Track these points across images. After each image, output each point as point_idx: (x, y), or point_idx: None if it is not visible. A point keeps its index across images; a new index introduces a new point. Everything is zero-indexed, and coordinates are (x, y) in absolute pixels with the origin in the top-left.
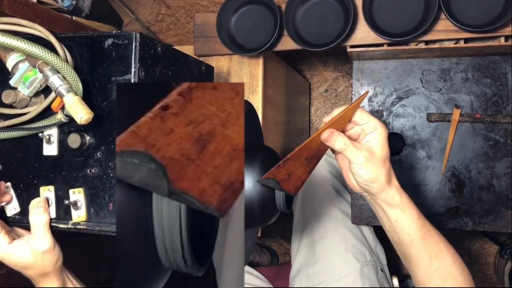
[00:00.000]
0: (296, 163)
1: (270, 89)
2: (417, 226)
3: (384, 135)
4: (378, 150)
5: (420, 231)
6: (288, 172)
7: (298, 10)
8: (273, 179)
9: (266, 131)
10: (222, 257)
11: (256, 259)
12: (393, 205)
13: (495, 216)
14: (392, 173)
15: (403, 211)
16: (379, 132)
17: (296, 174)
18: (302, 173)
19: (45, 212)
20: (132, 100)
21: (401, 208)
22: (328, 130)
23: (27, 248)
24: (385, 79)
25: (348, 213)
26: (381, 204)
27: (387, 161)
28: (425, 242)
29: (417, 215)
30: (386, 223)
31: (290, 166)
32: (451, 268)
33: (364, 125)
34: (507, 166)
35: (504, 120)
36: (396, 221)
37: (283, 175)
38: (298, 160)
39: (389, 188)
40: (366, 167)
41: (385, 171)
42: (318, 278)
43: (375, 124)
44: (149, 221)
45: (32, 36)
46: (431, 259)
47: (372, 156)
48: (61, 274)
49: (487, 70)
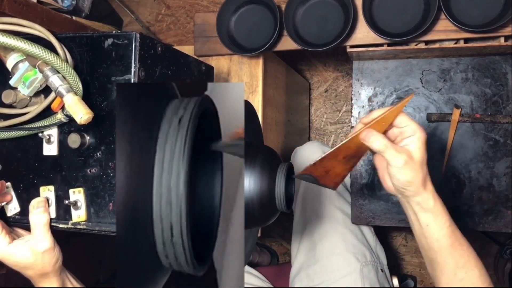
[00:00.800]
0: (334, 162)
1: (270, 89)
2: (447, 233)
3: (423, 139)
4: (416, 154)
5: (449, 238)
6: (326, 169)
7: (298, 10)
8: (310, 175)
9: (266, 131)
10: (222, 257)
11: (256, 259)
12: (426, 209)
13: (495, 216)
14: (428, 177)
15: (435, 217)
16: (418, 136)
17: (334, 171)
18: (342, 170)
19: (45, 212)
20: (132, 100)
21: (434, 213)
22: (367, 130)
23: (27, 248)
24: (385, 79)
25: (348, 213)
26: (414, 207)
27: (425, 166)
28: (453, 251)
29: (448, 222)
30: (417, 227)
31: (327, 164)
32: (477, 281)
33: (403, 128)
34: (507, 166)
35: (504, 120)
36: (427, 226)
37: (320, 171)
38: (335, 159)
39: (424, 192)
40: (404, 170)
41: (422, 175)
42: (318, 278)
43: (415, 128)
44: (149, 221)
45: (32, 36)
46: (457, 268)
47: (411, 159)
48: (60, 275)
49: (487, 70)
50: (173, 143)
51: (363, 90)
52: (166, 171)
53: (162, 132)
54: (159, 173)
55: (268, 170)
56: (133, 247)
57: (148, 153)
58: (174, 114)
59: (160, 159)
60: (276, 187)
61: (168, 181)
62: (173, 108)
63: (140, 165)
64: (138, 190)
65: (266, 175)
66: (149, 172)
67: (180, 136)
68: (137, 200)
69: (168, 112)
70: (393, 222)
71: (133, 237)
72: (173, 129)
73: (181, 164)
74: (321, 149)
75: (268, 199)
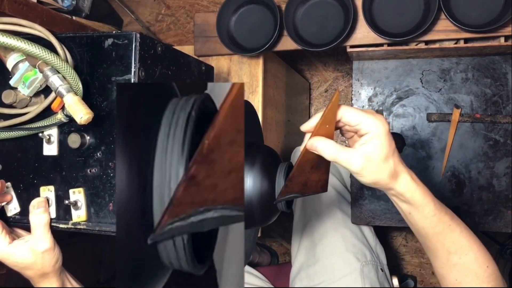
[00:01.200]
0: (304, 175)
1: (270, 89)
2: (433, 222)
3: (383, 133)
4: (375, 153)
5: (436, 227)
6: (302, 183)
7: (298, 10)
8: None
9: (266, 131)
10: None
11: (256, 259)
12: (404, 200)
13: (495, 216)
14: (399, 168)
15: (415, 207)
16: (377, 132)
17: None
18: (319, 176)
19: (46, 212)
20: (132, 100)
21: (413, 205)
22: (312, 139)
23: (27, 248)
24: (385, 79)
25: (348, 213)
26: (392, 197)
27: (390, 159)
28: (442, 238)
29: (433, 211)
30: (402, 214)
31: (298, 180)
32: (473, 265)
33: (357, 126)
34: (507, 166)
35: (504, 120)
36: (410, 214)
37: (298, 187)
38: (303, 173)
39: (396, 185)
40: (364, 173)
41: (388, 171)
42: (318, 278)
43: (370, 124)
44: (149, 220)
45: (32, 36)
46: (449, 254)
47: (369, 160)
48: (60, 275)
49: (487, 70)
50: (173, 143)
51: (363, 90)
52: (166, 170)
53: (162, 131)
54: (159, 172)
55: (268, 170)
56: (133, 247)
57: (148, 152)
58: (174, 114)
59: (160, 159)
60: (276, 187)
61: (168, 180)
62: (172, 108)
63: (140, 165)
64: (138, 190)
65: (266, 175)
66: (149, 171)
67: (180, 135)
68: (137, 200)
69: (168, 112)
70: (393, 222)
71: (133, 237)
72: (173, 129)
73: (181, 163)
74: None
75: (268, 199)
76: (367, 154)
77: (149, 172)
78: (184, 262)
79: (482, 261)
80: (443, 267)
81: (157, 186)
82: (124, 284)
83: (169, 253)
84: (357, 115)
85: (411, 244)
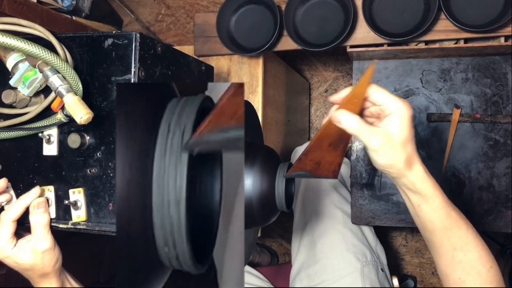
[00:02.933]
0: (320, 152)
1: (270, 89)
2: (441, 215)
3: (406, 116)
4: (396, 134)
5: (443, 221)
6: (315, 161)
7: (298, 10)
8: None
9: (266, 131)
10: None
11: (256, 259)
12: (414, 191)
13: (495, 216)
14: (415, 157)
15: (426, 199)
16: (400, 114)
17: (325, 161)
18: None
19: (46, 212)
20: (132, 100)
21: (423, 196)
22: (338, 111)
23: (28, 249)
24: (385, 79)
25: (348, 213)
26: (402, 187)
27: (409, 145)
28: (449, 233)
29: (442, 203)
30: (409, 206)
31: (313, 156)
32: (476, 263)
33: (383, 106)
34: (507, 166)
35: (504, 120)
36: (419, 207)
37: (311, 165)
38: (320, 149)
39: (409, 174)
40: (381, 152)
41: (404, 156)
42: (318, 278)
43: (395, 105)
44: (149, 220)
45: (32, 36)
46: (455, 250)
47: (389, 140)
48: (60, 275)
49: (487, 70)
50: (173, 143)
51: None
52: (166, 170)
53: (161, 131)
54: (159, 172)
55: (268, 170)
56: (133, 247)
57: (148, 152)
58: (173, 114)
59: (159, 159)
60: (276, 186)
61: (168, 180)
62: (172, 108)
63: (140, 165)
64: (138, 190)
65: (266, 175)
66: (149, 171)
67: (179, 135)
68: (137, 200)
69: (168, 112)
70: (393, 222)
71: (133, 237)
72: (173, 129)
73: (180, 163)
74: None
75: (268, 199)
76: (388, 133)
77: (148, 171)
78: (183, 261)
79: (485, 260)
80: (448, 265)
81: (156, 186)
82: (124, 284)
83: (168, 253)
84: (385, 95)
85: (411, 244)
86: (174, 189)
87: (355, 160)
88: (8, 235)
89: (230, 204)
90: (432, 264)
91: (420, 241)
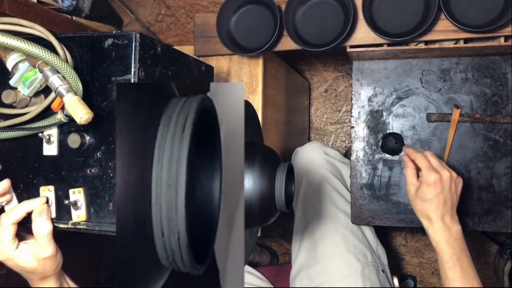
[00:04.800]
0: None
1: (270, 89)
2: (455, 278)
3: (427, 185)
4: (416, 194)
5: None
6: None
7: (298, 10)
8: None
9: (266, 131)
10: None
11: (256, 259)
12: (434, 246)
13: (495, 216)
14: (435, 217)
15: (440, 257)
16: (425, 182)
17: None
18: None
19: (48, 219)
20: (132, 100)
21: (438, 253)
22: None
23: (30, 254)
24: (385, 79)
25: (349, 214)
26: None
27: (427, 204)
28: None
29: (458, 273)
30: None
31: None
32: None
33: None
34: (507, 166)
35: (504, 120)
36: (439, 261)
37: None
38: None
39: (430, 229)
40: (410, 200)
41: (420, 211)
42: (319, 279)
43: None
44: (149, 220)
45: (32, 36)
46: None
47: (410, 194)
48: (59, 277)
49: (487, 70)
50: (172, 142)
51: (363, 90)
52: (165, 170)
53: (161, 131)
54: (158, 172)
55: (268, 170)
56: (133, 247)
57: (148, 152)
58: (173, 113)
59: (159, 159)
60: (276, 187)
61: (167, 180)
62: (171, 108)
63: (140, 165)
64: (138, 190)
65: (266, 175)
66: (149, 171)
67: (179, 135)
68: (137, 199)
69: (167, 112)
70: (393, 222)
71: (133, 237)
72: (172, 129)
73: (179, 163)
74: (322, 150)
75: (268, 199)
76: (416, 189)
77: (148, 171)
78: (182, 262)
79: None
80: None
81: (156, 186)
82: (124, 284)
83: (168, 253)
84: (424, 165)
85: (411, 244)
86: (173, 188)
87: (355, 160)
88: (9, 237)
89: (230, 204)
90: (432, 264)
91: (420, 241)
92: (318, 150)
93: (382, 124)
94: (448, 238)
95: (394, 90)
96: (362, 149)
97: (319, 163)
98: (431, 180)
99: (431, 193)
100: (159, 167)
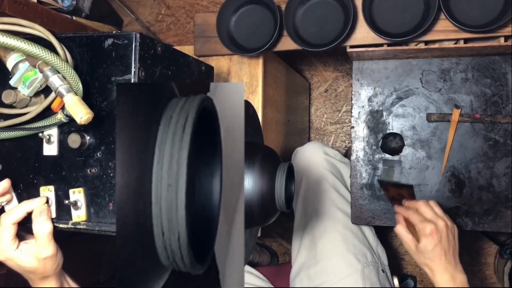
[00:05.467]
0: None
1: (270, 89)
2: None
3: (425, 239)
4: (416, 246)
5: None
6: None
7: (298, 10)
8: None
9: (266, 131)
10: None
11: (256, 259)
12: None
13: (495, 216)
14: (438, 268)
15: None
16: (423, 236)
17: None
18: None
19: (48, 219)
20: (132, 100)
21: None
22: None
23: (30, 254)
24: (385, 79)
25: (349, 214)
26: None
27: (424, 256)
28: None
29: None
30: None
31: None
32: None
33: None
34: (507, 166)
35: (504, 120)
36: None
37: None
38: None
39: (433, 278)
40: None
41: (423, 263)
42: (319, 279)
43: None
44: (149, 220)
45: (32, 36)
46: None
47: (410, 249)
48: (59, 277)
49: (487, 70)
50: (172, 142)
51: (363, 90)
52: (166, 170)
53: (161, 131)
54: (159, 172)
55: (268, 170)
56: (133, 247)
57: (148, 152)
58: (173, 113)
59: (159, 159)
60: (276, 187)
61: (167, 180)
62: (172, 108)
63: (140, 165)
64: (138, 189)
65: (266, 175)
66: (149, 171)
67: (179, 135)
68: (137, 200)
69: (167, 112)
70: (393, 222)
71: (133, 237)
72: (172, 129)
73: (180, 163)
74: (322, 150)
75: (268, 199)
76: (416, 244)
77: (148, 171)
78: (183, 261)
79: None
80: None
81: (156, 186)
82: (124, 284)
83: (168, 253)
84: (420, 217)
85: None
86: (173, 188)
87: (355, 160)
88: (9, 237)
89: (230, 204)
90: None
91: None
92: (318, 150)
93: (382, 124)
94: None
95: (394, 90)
96: (362, 149)
97: (319, 163)
98: (428, 231)
99: (430, 244)
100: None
